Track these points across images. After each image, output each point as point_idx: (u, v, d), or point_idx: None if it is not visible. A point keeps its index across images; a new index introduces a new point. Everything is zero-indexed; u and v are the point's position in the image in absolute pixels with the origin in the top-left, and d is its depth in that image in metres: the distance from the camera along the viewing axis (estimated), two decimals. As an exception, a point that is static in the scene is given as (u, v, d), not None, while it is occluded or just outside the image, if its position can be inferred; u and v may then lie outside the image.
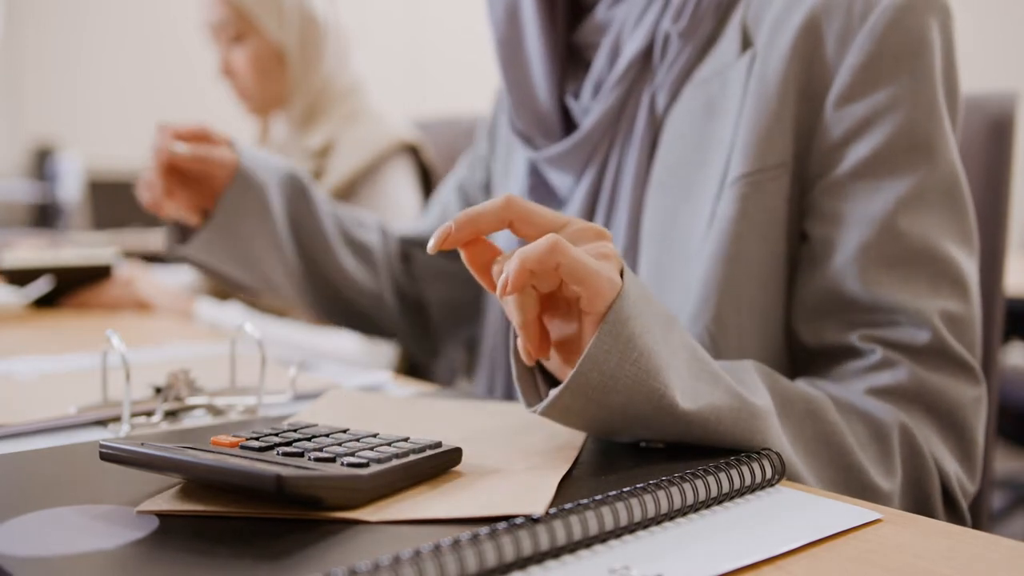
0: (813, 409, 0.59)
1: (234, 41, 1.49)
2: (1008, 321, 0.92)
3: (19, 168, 4.20)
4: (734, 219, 0.66)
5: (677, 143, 0.71)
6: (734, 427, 0.50)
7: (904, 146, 0.65)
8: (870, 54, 0.65)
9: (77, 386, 0.73)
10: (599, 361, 0.47)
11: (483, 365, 0.91)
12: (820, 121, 0.67)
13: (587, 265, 0.47)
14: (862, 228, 0.64)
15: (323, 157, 1.48)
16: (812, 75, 0.67)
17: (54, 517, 0.42)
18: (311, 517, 0.41)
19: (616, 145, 0.76)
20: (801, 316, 0.68)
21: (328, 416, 0.60)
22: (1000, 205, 0.87)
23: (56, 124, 4.25)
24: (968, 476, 0.64)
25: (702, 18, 0.71)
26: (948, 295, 0.64)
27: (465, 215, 0.50)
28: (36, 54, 4.24)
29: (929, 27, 0.65)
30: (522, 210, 0.51)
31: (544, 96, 0.80)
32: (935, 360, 0.63)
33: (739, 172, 0.66)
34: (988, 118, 0.87)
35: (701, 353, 0.53)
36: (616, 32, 0.76)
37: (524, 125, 0.82)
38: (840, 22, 0.66)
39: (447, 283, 1.04)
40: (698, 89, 0.71)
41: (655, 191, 0.72)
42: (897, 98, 0.65)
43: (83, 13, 4.34)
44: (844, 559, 0.39)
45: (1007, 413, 1.99)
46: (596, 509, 0.39)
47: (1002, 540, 0.42)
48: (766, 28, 0.68)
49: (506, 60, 0.82)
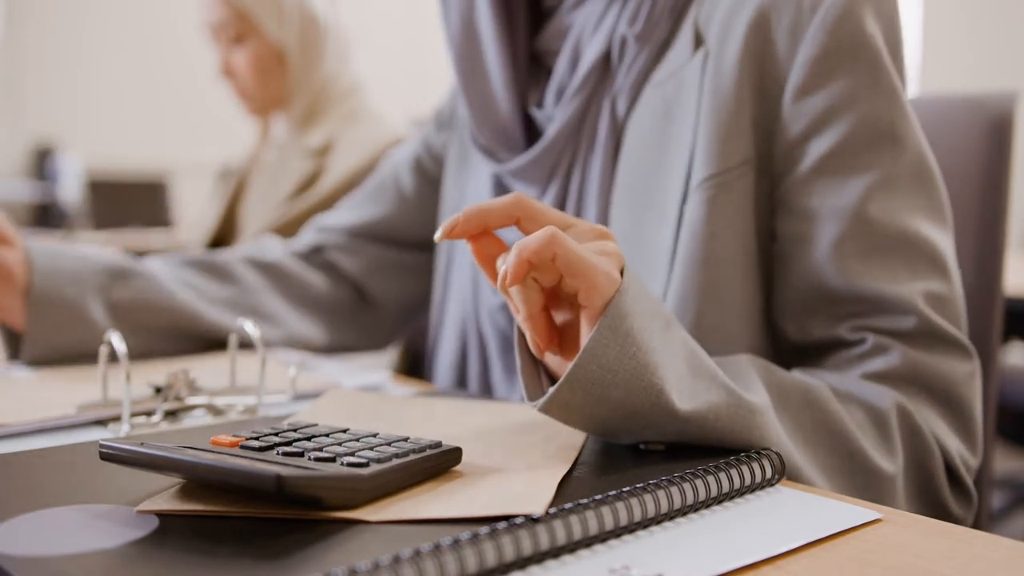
0: (811, 399, 0.59)
1: (234, 42, 1.49)
2: (1008, 321, 0.92)
3: (19, 168, 4.20)
4: (705, 221, 0.66)
5: (639, 147, 0.71)
6: (731, 425, 0.50)
7: (868, 136, 0.65)
8: (823, 46, 0.65)
9: (77, 386, 0.73)
10: (598, 355, 0.47)
11: (443, 360, 0.88)
12: (779, 116, 0.67)
13: (584, 259, 0.47)
14: (835, 222, 0.65)
15: (323, 156, 1.48)
16: (766, 70, 0.67)
17: (54, 517, 0.42)
18: (311, 517, 0.41)
19: (580, 153, 0.75)
20: (785, 314, 0.68)
21: (328, 416, 0.60)
22: (999, 205, 0.87)
23: (56, 124, 4.25)
24: (970, 451, 0.65)
25: (657, 21, 0.71)
26: (928, 276, 0.65)
27: (475, 208, 0.51)
28: (36, 54, 4.24)
29: (876, 15, 0.66)
30: (530, 208, 0.51)
31: (506, 108, 0.79)
32: (925, 341, 0.64)
33: (704, 174, 0.66)
34: (988, 118, 0.87)
35: (699, 352, 0.53)
36: (576, 37, 0.76)
37: (487, 140, 0.80)
38: (790, 16, 0.66)
39: (398, 275, 0.99)
40: (656, 91, 0.71)
41: (620, 196, 0.72)
42: (855, 88, 0.65)
43: (83, 13, 4.34)
44: (844, 559, 0.39)
45: (1007, 413, 1.99)
46: (596, 509, 0.39)
47: (1002, 540, 0.42)
48: (717, 26, 0.68)
49: (465, 75, 0.80)
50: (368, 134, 1.47)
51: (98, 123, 4.37)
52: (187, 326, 0.88)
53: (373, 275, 0.99)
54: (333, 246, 0.99)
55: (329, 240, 0.99)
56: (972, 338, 0.67)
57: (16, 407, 0.66)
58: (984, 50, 4.47)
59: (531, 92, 0.80)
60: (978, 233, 0.87)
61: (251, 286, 0.94)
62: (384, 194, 1.00)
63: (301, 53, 1.48)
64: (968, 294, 0.71)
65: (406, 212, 0.98)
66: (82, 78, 4.33)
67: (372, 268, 0.99)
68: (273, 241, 1.01)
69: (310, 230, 1.02)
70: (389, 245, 0.99)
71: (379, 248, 0.99)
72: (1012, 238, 1.79)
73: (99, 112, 4.37)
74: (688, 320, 0.66)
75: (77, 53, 4.31)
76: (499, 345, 0.80)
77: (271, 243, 1.01)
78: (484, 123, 0.80)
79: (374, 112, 1.54)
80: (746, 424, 0.51)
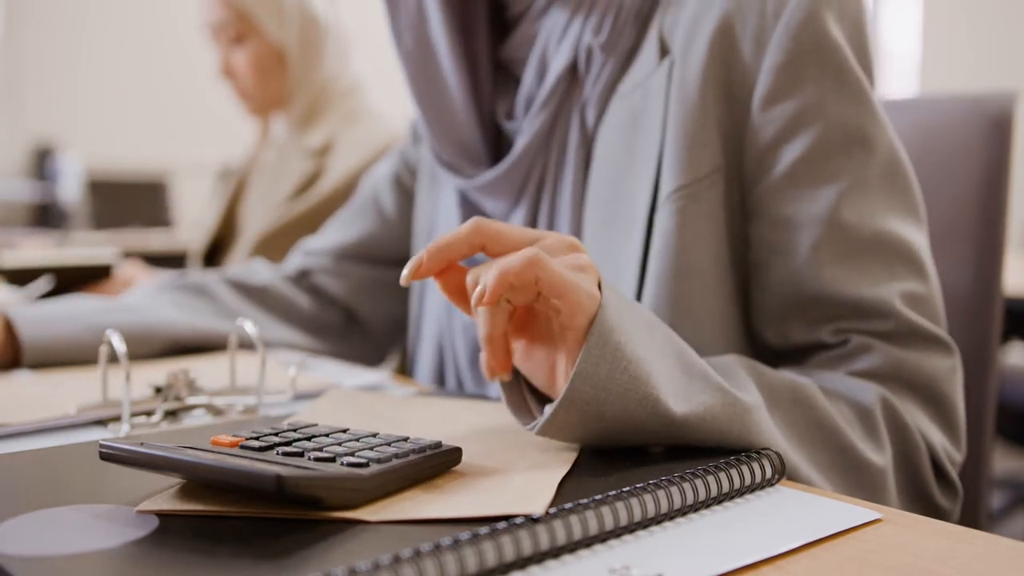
0: (800, 396, 0.59)
1: (234, 42, 1.49)
2: (1008, 321, 0.92)
3: (19, 168, 4.20)
4: (675, 233, 0.65)
5: (608, 158, 0.70)
6: (729, 425, 0.51)
7: (837, 140, 0.65)
8: (788, 52, 0.64)
9: (77, 386, 0.73)
10: (590, 375, 0.47)
11: (422, 374, 0.87)
12: (748, 124, 0.66)
13: (567, 279, 0.47)
14: (810, 229, 0.65)
15: (323, 156, 1.48)
16: (733, 78, 0.66)
17: (54, 517, 0.42)
18: (311, 517, 0.41)
19: (550, 166, 0.74)
20: (764, 321, 0.68)
21: (328, 416, 0.60)
22: (999, 205, 0.87)
23: (56, 124, 4.25)
24: (954, 445, 0.65)
25: (622, 30, 0.70)
26: (904, 276, 0.65)
27: (436, 246, 0.51)
28: (36, 54, 4.24)
29: (839, 17, 0.65)
30: (492, 232, 0.51)
31: (467, 122, 0.78)
32: (906, 340, 0.64)
33: (674, 186, 0.66)
34: (988, 118, 0.87)
35: (687, 350, 0.53)
36: (542, 46, 0.75)
37: (449, 155, 0.79)
38: (754, 23, 0.65)
39: (385, 292, 0.99)
40: (623, 102, 0.70)
41: (591, 210, 0.71)
42: (822, 93, 0.65)
43: (83, 13, 4.34)
44: (844, 559, 0.39)
45: (1007, 413, 1.99)
46: (596, 509, 0.39)
47: (1002, 540, 0.42)
48: (681, 34, 0.68)
49: (421, 93, 0.79)
50: (368, 134, 1.47)
51: (98, 123, 4.37)
52: (186, 343, 0.88)
53: (360, 295, 0.99)
54: (320, 270, 1.00)
55: (315, 264, 1.00)
56: (972, 338, 0.68)
57: (16, 407, 0.66)
58: (984, 50, 4.47)
59: (500, 102, 0.79)
60: (978, 233, 0.87)
61: (231, 307, 0.95)
62: (366, 213, 1.00)
63: (301, 53, 1.48)
64: (968, 294, 0.71)
65: (388, 230, 0.98)
66: (82, 78, 4.33)
67: (359, 289, 0.99)
68: (261, 264, 1.02)
69: (297, 254, 1.03)
70: (374, 264, 0.99)
71: (364, 268, 0.99)
72: (1012, 238, 1.79)
73: (99, 112, 4.37)
74: None
75: (77, 53, 4.31)
76: (470, 359, 0.80)
77: (259, 266, 1.01)
78: (445, 139, 0.79)
79: (374, 112, 1.53)
80: (743, 424, 0.51)
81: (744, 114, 0.66)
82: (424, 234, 0.89)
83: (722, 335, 0.67)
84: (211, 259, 1.64)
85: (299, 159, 1.49)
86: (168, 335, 0.87)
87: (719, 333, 0.67)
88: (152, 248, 3.23)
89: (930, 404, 0.64)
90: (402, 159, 0.99)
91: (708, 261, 0.66)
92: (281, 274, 1.00)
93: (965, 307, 0.85)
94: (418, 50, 0.78)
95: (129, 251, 2.50)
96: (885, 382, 0.63)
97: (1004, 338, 1.53)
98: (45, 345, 0.81)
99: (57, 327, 0.82)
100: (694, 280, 0.66)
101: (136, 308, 0.88)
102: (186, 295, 0.94)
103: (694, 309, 0.66)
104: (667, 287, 0.65)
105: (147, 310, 0.88)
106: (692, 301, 0.66)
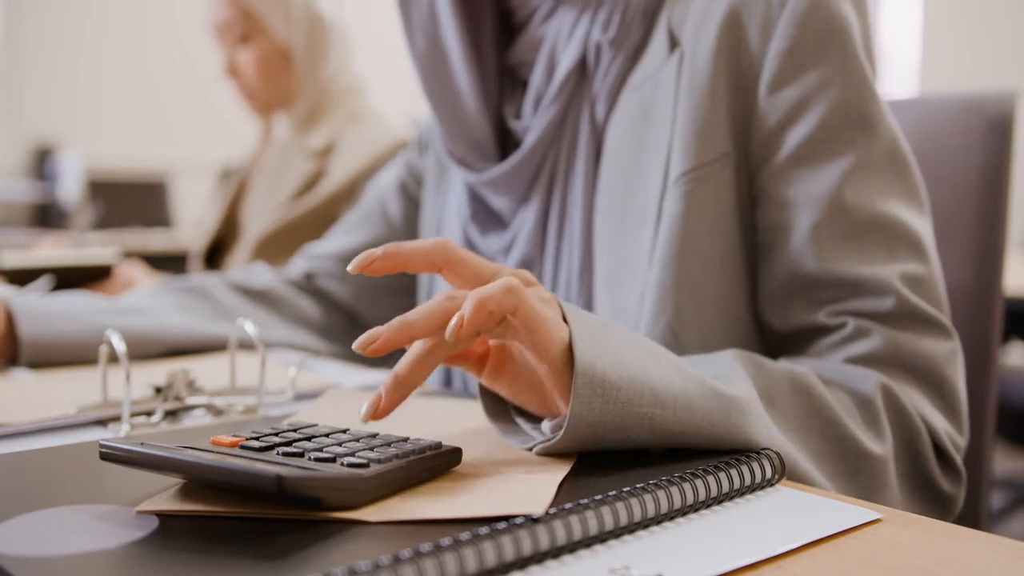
0: (799, 387, 0.59)
1: (240, 41, 1.49)
2: (1008, 321, 0.92)
3: (19, 168, 4.20)
4: (682, 216, 0.66)
5: (619, 150, 0.71)
6: (725, 425, 0.50)
7: (841, 123, 0.66)
8: (794, 39, 0.66)
9: (77, 386, 0.73)
10: (584, 416, 0.47)
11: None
12: (755, 109, 0.68)
13: (540, 313, 0.48)
14: (812, 208, 0.66)
15: (325, 157, 1.48)
16: (740, 66, 0.68)
17: (54, 517, 0.41)
18: (311, 517, 0.41)
19: (561, 161, 0.75)
20: (766, 303, 0.69)
21: (328, 416, 0.60)
22: (999, 205, 0.87)
23: (56, 124, 4.25)
24: (956, 428, 0.65)
25: (630, 25, 0.72)
26: (905, 257, 0.65)
27: (395, 247, 0.50)
28: (36, 54, 4.23)
29: (846, 4, 0.67)
30: (455, 255, 0.51)
31: (479, 120, 0.79)
32: (905, 322, 0.64)
33: (681, 169, 0.67)
34: (988, 118, 0.87)
35: (658, 347, 0.53)
36: (550, 47, 0.76)
37: (460, 151, 0.80)
38: (760, 12, 0.67)
39: (389, 297, 0.99)
40: (633, 95, 0.71)
41: (602, 202, 0.72)
42: (827, 78, 0.66)
43: (83, 13, 4.34)
44: (844, 559, 0.39)
45: (1007, 413, 1.99)
46: (596, 509, 0.39)
47: (1002, 540, 0.42)
48: (690, 26, 0.69)
49: (434, 92, 0.80)
50: (370, 135, 1.47)
51: (98, 123, 4.36)
52: (186, 348, 0.88)
53: (364, 299, 1.00)
54: (324, 273, 1.00)
55: (320, 267, 1.00)
56: (972, 338, 0.68)
57: (16, 407, 0.66)
58: (984, 50, 4.47)
59: (507, 105, 0.80)
60: (978, 233, 0.87)
61: (233, 309, 0.95)
62: (372, 219, 1.01)
63: (307, 53, 1.48)
64: (968, 294, 0.71)
65: (394, 235, 0.99)
66: (82, 78, 4.33)
67: (363, 292, 1.00)
68: (262, 268, 1.02)
69: (301, 257, 1.03)
70: None
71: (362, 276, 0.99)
72: (1012, 238, 1.79)
73: (99, 112, 4.37)
74: (667, 315, 0.66)
75: (77, 53, 4.31)
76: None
77: (260, 269, 1.01)
78: (457, 136, 0.80)
79: (376, 112, 1.54)
80: (740, 421, 0.51)
81: (751, 101, 0.68)
82: (431, 235, 0.90)
83: (727, 318, 0.68)
84: (212, 260, 1.64)
85: (301, 159, 1.49)
86: (168, 339, 0.87)
87: (725, 316, 0.68)
88: (152, 248, 3.23)
89: (931, 388, 0.64)
90: (407, 168, 1.00)
91: (715, 244, 0.67)
92: (284, 277, 1.00)
93: (965, 307, 0.85)
94: (430, 51, 0.80)
95: (129, 251, 2.50)
96: (884, 367, 0.63)
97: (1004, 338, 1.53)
98: (45, 342, 0.81)
99: (58, 324, 0.82)
100: (701, 262, 0.66)
101: (138, 310, 0.88)
102: (188, 296, 0.94)
103: (701, 291, 0.67)
104: (674, 268, 0.66)
105: (149, 313, 0.88)
106: (697, 284, 0.66)
